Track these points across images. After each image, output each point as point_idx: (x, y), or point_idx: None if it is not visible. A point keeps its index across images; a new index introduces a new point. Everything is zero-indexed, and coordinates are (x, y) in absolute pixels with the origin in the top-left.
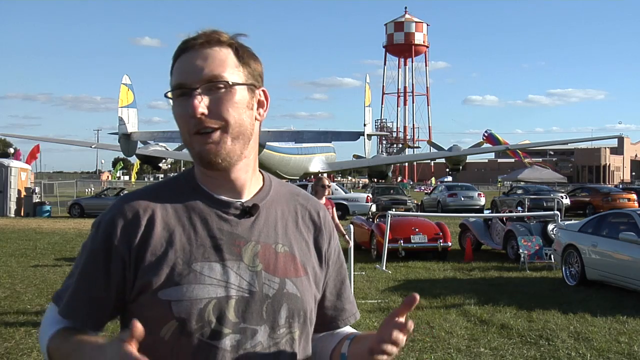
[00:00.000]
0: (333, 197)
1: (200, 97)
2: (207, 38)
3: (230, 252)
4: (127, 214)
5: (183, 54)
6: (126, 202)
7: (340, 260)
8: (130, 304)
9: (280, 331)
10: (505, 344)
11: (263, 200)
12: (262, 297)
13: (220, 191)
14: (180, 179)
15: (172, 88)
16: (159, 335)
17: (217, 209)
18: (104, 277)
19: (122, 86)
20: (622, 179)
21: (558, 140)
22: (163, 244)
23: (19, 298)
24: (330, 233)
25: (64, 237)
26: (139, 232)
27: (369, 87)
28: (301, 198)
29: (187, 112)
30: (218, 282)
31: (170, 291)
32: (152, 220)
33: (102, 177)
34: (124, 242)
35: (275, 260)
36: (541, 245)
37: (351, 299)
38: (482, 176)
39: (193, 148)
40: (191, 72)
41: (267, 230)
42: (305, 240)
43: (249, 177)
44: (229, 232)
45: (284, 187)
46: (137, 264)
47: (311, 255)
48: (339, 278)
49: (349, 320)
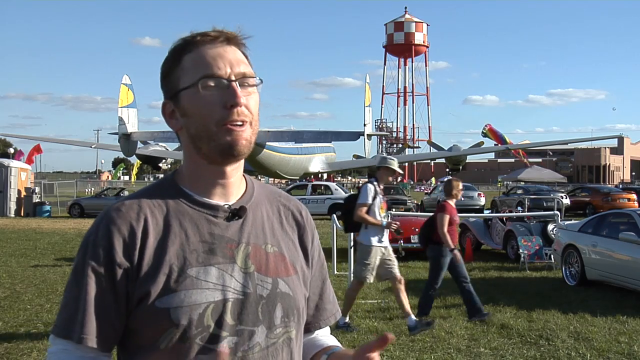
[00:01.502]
0: (332, 197)
1: (239, 89)
2: (227, 36)
3: (223, 256)
4: (121, 227)
5: (203, 46)
6: (117, 214)
7: (321, 259)
8: (127, 317)
9: (277, 331)
10: (505, 344)
11: (248, 202)
12: (257, 298)
13: (208, 193)
14: (164, 185)
15: (204, 76)
16: (157, 346)
17: (205, 213)
18: (113, 296)
19: (122, 86)
20: (622, 179)
21: (558, 140)
22: (157, 253)
23: (19, 298)
24: (313, 232)
25: (64, 237)
26: (137, 243)
27: (368, 87)
28: (283, 198)
29: (221, 101)
30: (214, 286)
31: (168, 299)
32: (145, 229)
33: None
34: (125, 255)
35: (267, 260)
36: (541, 245)
37: (331, 298)
38: (482, 176)
39: (218, 139)
40: (227, 64)
41: (256, 231)
42: (291, 239)
43: (238, 177)
44: (220, 236)
45: (264, 188)
46: (137, 275)
47: (298, 254)
48: (321, 277)
49: (329, 320)
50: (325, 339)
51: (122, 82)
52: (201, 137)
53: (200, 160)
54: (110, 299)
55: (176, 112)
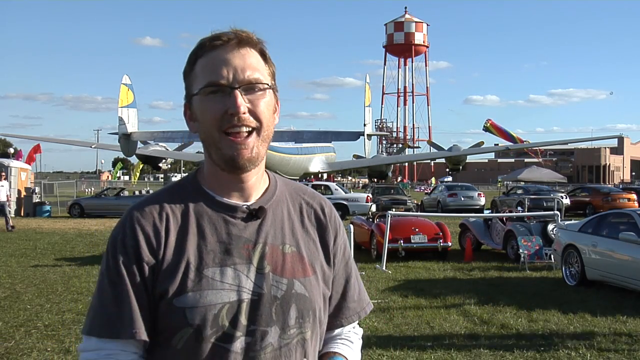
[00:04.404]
0: (332, 197)
1: (242, 95)
2: (239, 38)
3: (240, 256)
4: (145, 226)
5: (213, 51)
6: (141, 214)
7: (346, 257)
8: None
9: (291, 332)
10: (505, 344)
11: (269, 201)
12: (271, 299)
13: (228, 194)
14: (186, 185)
15: (207, 84)
16: (171, 344)
17: (224, 213)
18: (145, 292)
19: (122, 86)
20: (622, 179)
21: (558, 140)
22: (177, 252)
23: (19, 298)
24: (337, 230)
25: (64, 237)
26: (161, 242)
27: (369, 87)
28: (307, 196)
29: (222, 109)
30: (230, 287)
31: (184, 298)
32: (168, 228)
33: (102, 177)
34: (151, 253)
35: (283, 261)
36: (541, 245)
37: (356, 297)
38: (482, 176)
39: (220, 149)
40: (231, 71)
41: (274, 231)
42: (312, 239)
43: (258, 178)
44: (238, 236)
45: (289, 185)
46: (159, 272)
47: (319, 253)
48: (345, 276)
49: (352, 318)
50: (338, 343)
51: (122, 82)
52: (209, 144)
53: (215, 165)
54: (144, 295)
55: (192, 115)
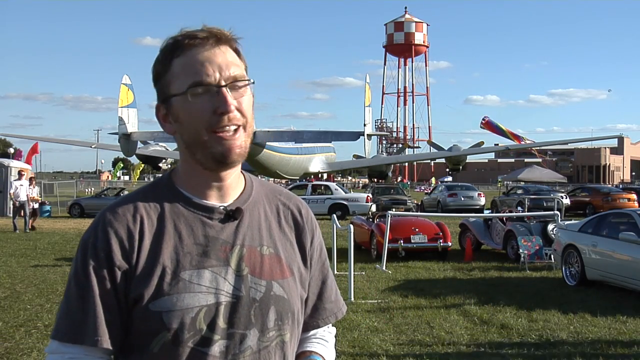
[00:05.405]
0: (332, 197)
1: (229, 94)
2: (216, 35)
3: (217, 258)
4: (118, 229)
5: (191, 49)
6: (114, 216)
7: (322, 258)
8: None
9: (270, 334)
10: (505, 344)
11: (246, 202)
12: (250, 301)
13: (204, 195)
14: (160, 185)
15: (193, 84)
16: (148, 349)
17: (200, 214)
18: (115, 298)
19: (122, 86)
20: (622, 179)
21: (558, 140)
22: (151, 255)
23: (19, 298)
24: (313, 231)
25: (64, 237)
26: (135, 245)
27: (368, 87)
28: (283, 197)
29: (210, 108)
30: (207, 290)
31: (161, 302)
32: (142, 231)
33: (102, 177)
34: (123, 257)
35: (261, 263)
36: (541, 245)
37: (333, 298)
38: (482, 176)
39: (211, 147)
40: (216, 70)
41: (252, 232)
42: (289, 240)
43: (235, 177)
44: (215, 238)
45: (265, 186)
46: (132, 277)
47: (296, 255)
48: (321, 277)
49: (329, 319)
50: (313, 343)
51: (122, 82)
52: (195, 145)
53: (195, 164)
54: (114, 300)
55: (169, 116)
